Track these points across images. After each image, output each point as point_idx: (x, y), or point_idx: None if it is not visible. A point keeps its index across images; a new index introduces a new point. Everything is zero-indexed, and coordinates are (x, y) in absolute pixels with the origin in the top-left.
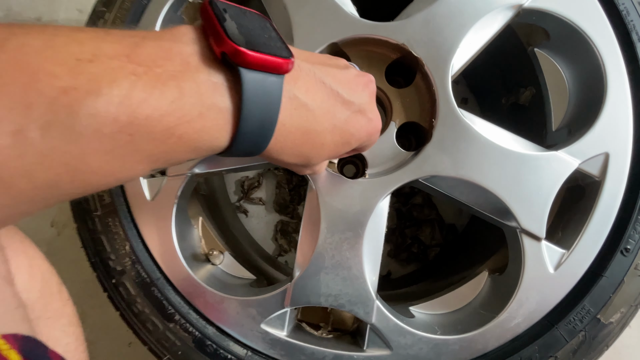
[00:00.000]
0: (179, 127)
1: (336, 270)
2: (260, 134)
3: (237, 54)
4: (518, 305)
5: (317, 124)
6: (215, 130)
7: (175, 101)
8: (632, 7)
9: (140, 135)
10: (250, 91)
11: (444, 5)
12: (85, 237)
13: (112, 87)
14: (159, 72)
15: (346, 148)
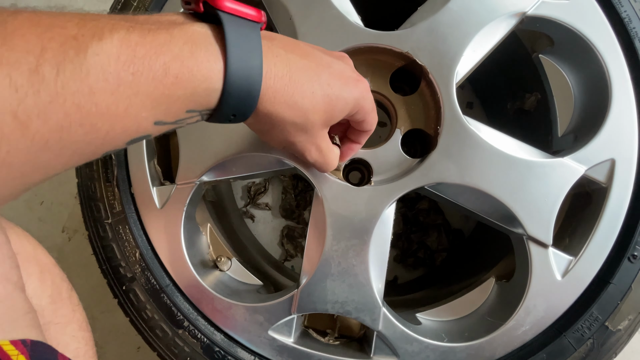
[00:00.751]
0: (173, 64)
1: (342, 277)
2: (250, 74)
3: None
4: (525, 312)
5: (301, 72)
6: (207, 69)
7: (166, 43)
8: (634, 15)
9: (140, 73)
10: (231, 32)
11: (448, 14)
12: (96, 244)
13: (112, 33)
14: (151, 27)
15: (341, 103)
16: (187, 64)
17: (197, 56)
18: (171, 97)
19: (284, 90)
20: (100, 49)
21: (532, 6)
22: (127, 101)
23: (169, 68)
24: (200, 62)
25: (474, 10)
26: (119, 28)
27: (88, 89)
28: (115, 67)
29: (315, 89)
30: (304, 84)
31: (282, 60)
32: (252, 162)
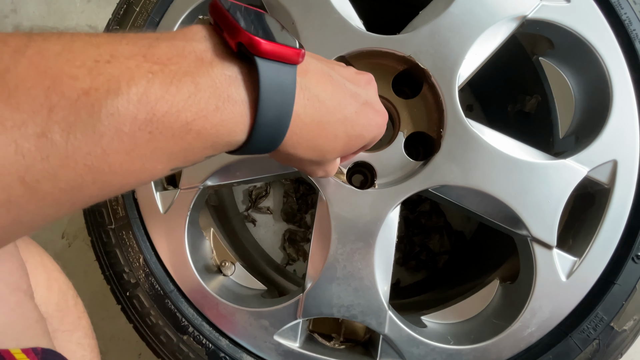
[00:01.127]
0: (196, 122)
1: (348, 281)
2: (278, 126)
3: (253, 43)
4: (531, 314)
5: (329, 115)
6: (232, 124)
7: (191, 96)
8: (634, 17)
9: (159, 132)
10: (266, 81)
11: (449, 18)
12: (99, 250)
13: (130, 86)
14: (174, 70)
15: (359, 142)
16: (211, 119)
17: (222, 111)
18: (190, 150)
19: (309, 136)
20: (115, 109)
21: (533, 9)
22: (143, 159)
23: (192, 125)
24: (226, 119)
25: (475, 14)
26: (138, 76)
27: (101, 151)
28: (131, 127)
29: (339, 132)
30: (328, 128)
31: (311, 104)
32: (256, 165)
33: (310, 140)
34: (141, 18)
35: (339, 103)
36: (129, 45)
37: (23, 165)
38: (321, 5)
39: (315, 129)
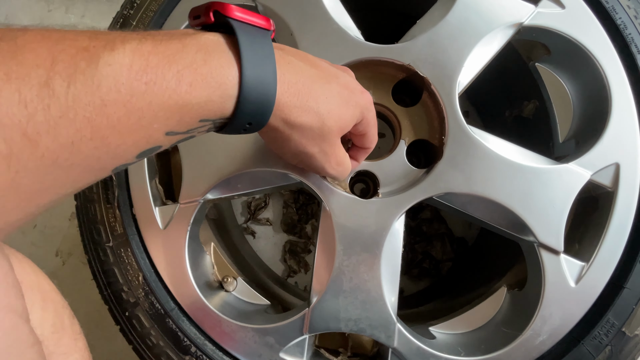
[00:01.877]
0: (186, 72)
1: (355, 294)
2: (264, 79)
3: (225, 7)
4: (542, 321)
5: (314, 78)
6: (221, 76)
7: (179, 51)
8: (629, 21)
9: (153, 83)
10: (244, 38)
11: (447, 26)
12: (96, 269)
13: (124, 43)
14: (163, 38)
15: (351, 111)
16: (201, 71)
17: (210, 63)
18: (185, 106)
19: (299, 96)
20: (112, 59)
21: (529, 16)
22: (139, 113)
23: (183, 76)
24: (214, 69)
25: (472, 22)
26: (131, 39)
27: (100, 101)
28: (127, 77)
29: (328, 95)
30: (317, 90)
31: (293, 68)
32: (257, 177)
33: (302, 100)
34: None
35: (319, 74)
36: (122, 31)
37: (25, 115)
38: (319, 16)
39: (303, 89)
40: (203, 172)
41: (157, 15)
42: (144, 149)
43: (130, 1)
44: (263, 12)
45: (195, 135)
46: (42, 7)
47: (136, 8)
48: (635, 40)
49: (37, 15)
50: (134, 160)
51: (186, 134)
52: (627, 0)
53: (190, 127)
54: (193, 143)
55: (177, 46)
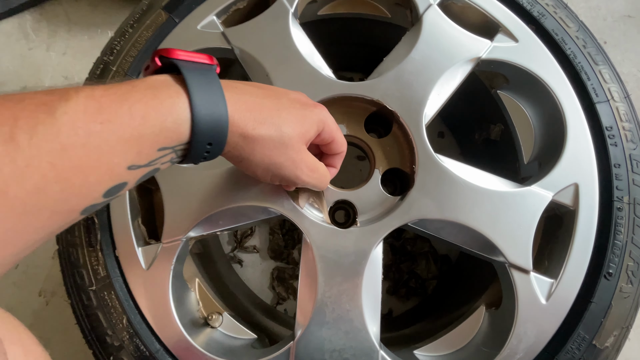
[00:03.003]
0: (138, 107)
1: (338, 325)
2: (214, 99)
3: (169, 51)
4: (517, 340)
5: (263, 97)
6: (171, 104)
7: (129, 91)
8: (578, 51)
9: (108, 121)
10: (189, 72)
11: (411, 63)
12: (80, 313)
13: (78, 92)
14: (112, 84)
15: (308, 121)
16: (152, 103)
17: (159, 96)
18: (141, 137)
19: (252, 111)
20: (68, 107)
21: (485, 51)
22: (98, 150)
23: (135, 110)
24: (165, 99)
25: (433, 58)
26: (84, 89)
27: (60, 146)
28: (83, 120)
29: (280, 107)
30: (269, 105)
31: (241, 90)
32: (239, 213)
33: (255, 113)
34: (118, 77)
35: (268, 93)
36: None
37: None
38: (293, 58)
39: (255, 106)
40: (184, 210)
41: (137, 60)
42: (109, 186)
43: (110, 47)
44: (239, 54)
45: (159, 167)
46: (22, 45)
47: (116, 54)
48: (584, 69)
49: (18, 54)
50: (102, 200)
51: (149, 166)
52: (576, 31)
53: (151, 157)
54: (174, 182)
55: (127, 87)
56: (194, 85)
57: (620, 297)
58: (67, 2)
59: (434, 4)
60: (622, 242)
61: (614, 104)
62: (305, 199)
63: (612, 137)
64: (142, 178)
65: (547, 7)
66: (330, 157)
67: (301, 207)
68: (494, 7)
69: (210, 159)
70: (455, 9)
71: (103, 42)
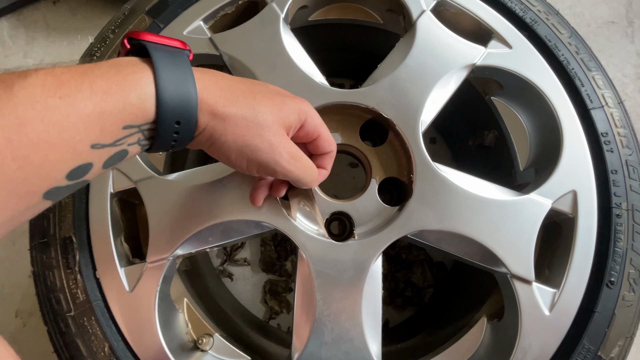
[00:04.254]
0: (99, 83)
1: (337, 345)
2: (181, 76)
3: (139, 32)
4: (522, 353)
5: (237, 80)
6: (135, 79)
7: (90, 69)
8: (571, 57)
9: (67, 96)
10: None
11: (406, 70)
12: (57, 342)
13: (37, 71)
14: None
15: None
16: (114, 79)
17: (123, 71)
18: (103, 113)
19: (223, 90)
20: (26, 83)
21: (480, 57)
22: (58, 126)
23: (96, 85)
24: (128, 75)
25: (429, 65)
26: (43, 68)
27: (17, 121)
28: (41, 94)
29: (254, 91)
30: (242, 87)
31: (213, 73)
32: (230, 228)
33: (228, 93)
34: None
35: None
36: None
37: None
38: (284, 65)
39: (227, 87)
40: (171, 226)
41: None
42: (71, 167)
43: (89, 53)
44: (228, 61)
45: (126, 148)
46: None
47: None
48: (578, 75)
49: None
50: (66, 183)
51: (114, 146)
52: (569, 38)
53: (116, 136)
54: (159, 196)
55: (89, 65)
56: (160, 62)
57: (623, 305)
58: (46, 7)
59: (427, 10)
60: (623, 250)
61: (609, 109)
62: (297, 203)
63: (608, 143)
64: (109, 161)
65: (540, 13)
66: (319, 157)
67: (293, 217)
68: (486, 13)
69: (181, 144)
70: (448, 15)
71: (83, 48)
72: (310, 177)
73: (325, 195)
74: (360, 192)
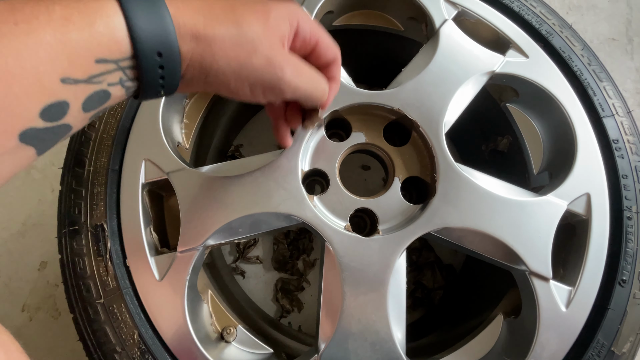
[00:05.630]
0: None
1: (364, 336)
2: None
3: None
4: (541, 348)
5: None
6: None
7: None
8: (584, 68)
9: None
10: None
11: (431, 74)
12: (85, 329)
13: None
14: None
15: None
16: (74, 5)
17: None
18: (68, 42)
19: (200, 11)
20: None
21: (499, 65)
22: (16, 54)
23: (54, 12)
24: (88, 2)
25: (451, 71)
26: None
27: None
28: (6, 19)
29: (234, 5)
30: (220, 4)
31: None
32: (260, 220)
33: (207, 13)
34: None
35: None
36: None
37: None
38: None
39: (204, 6)
40: (202, 217)
41: None
42: (43, 104)
43: None
44: None
45: (107, 89)
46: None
47: None
48: (590, 84)
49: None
50: (43, 124)
51: (91, 83)
52: (581, 50)
53: (90, 71)
54: (191, 187)
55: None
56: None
57: (634, 303)
58: None
59: (449, 19)
60: (633, 250)
61: (619, 118)
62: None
63: (619, 150)
64: (88, 101)
65: (554, 26)
66: (324, 69)
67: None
68: (505, 24)
69: (170, 84)
70: (469, 24)
71: None
72: (321, 90)
73: (349, 192)
74: (383, 190)
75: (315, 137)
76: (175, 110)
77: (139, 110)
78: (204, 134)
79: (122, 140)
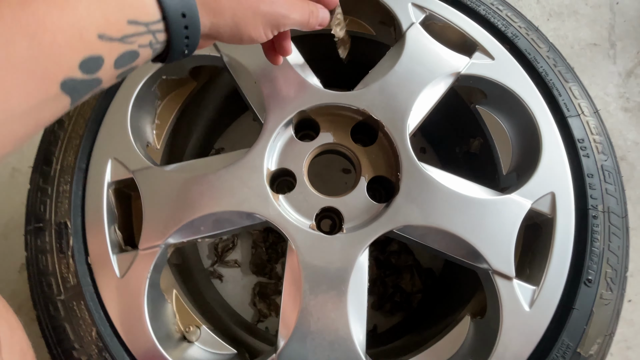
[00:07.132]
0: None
1: (322, 335)
2: None
3: None
4: (504, 348)
5: None
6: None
7: None
8: (549, 69)
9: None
10: None
11: (395, 76)
12: (45, 325)
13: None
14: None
15: None
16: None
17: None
18: (102, 2)
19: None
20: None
21: (465, 67)
22: (60, 8)
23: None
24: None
25: (416, 72)
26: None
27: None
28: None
29: None
30: None
31: None
32: (222, 219)
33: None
34: None
35: None
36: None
37: None
38: (281, 66)
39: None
40: (164, 214)
41: None
42: (83, 56)
43: None
44: (228, 62)
45: (137, 50)
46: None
47: None
48: (555, 85)
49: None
50: (81, 75)
51: (124, 43)
52: (547, 52)
53: (123, 31)
54: (154, 185)
55: None
56: None
57: (601, 304)
58: None
59: (416, 23)
60: (600, 249)
61: (585, 118)
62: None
63: (584, 149)
64: (120, 60)
65: (520, 29)
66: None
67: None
68: (471, 27)
69: (194, 43)
70: (436, 28)
71: None
72: (310, 14)
73: (315, 191)
74: (349, 190)
75: (282, 137)
76: (146, 111)
77: (108, 109)
78: (177, 135)
79: (91, 139)
